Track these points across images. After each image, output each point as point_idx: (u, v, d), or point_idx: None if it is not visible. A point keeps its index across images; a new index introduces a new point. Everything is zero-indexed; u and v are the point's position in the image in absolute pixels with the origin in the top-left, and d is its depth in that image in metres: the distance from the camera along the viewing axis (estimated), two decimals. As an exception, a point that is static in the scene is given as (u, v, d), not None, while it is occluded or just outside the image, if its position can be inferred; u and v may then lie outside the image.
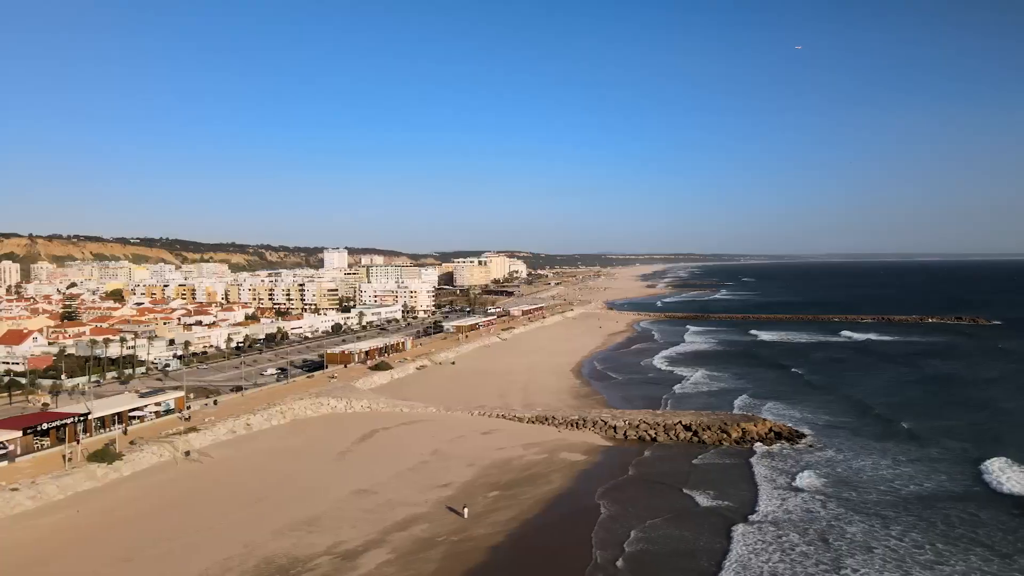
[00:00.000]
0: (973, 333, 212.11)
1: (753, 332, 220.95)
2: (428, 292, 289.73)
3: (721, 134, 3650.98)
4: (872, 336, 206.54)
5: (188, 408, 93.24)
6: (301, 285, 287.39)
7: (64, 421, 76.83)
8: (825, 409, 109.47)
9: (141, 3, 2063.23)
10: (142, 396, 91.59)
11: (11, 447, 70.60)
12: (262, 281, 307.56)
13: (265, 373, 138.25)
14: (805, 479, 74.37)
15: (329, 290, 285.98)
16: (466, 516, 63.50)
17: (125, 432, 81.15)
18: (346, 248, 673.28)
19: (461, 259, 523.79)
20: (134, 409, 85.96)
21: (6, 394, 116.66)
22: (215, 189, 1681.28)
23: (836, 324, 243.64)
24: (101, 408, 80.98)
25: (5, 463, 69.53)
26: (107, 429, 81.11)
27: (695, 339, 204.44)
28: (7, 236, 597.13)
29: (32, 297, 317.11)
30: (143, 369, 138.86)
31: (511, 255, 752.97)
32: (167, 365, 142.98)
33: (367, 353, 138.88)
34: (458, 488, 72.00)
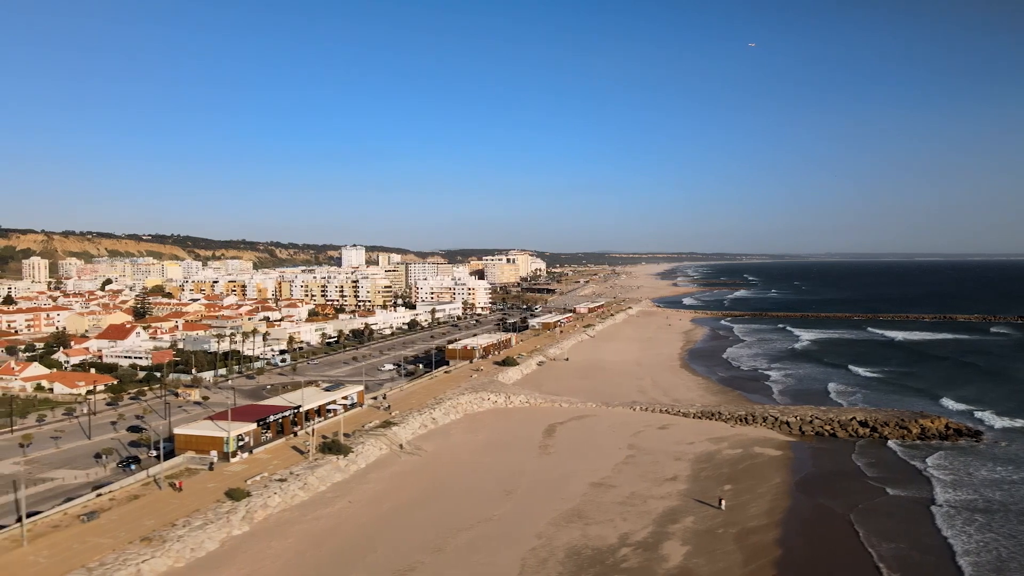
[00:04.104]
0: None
1: (791, 329, 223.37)
2: (486, 289, 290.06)
3: (723, 135, 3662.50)
4: (946, 336, 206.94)
5: (382, 398, 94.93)
6: (355, 282, 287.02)
7: (284, 414, 77.07)
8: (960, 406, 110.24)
9: (144, 7, 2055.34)
10: (326, 391, 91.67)
11: (247, 439, 70.77)
12: (314, 278, 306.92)
13: (382, 368, 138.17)
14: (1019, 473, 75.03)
15: (384, 287, 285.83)
16: (723, 508, 64.09)
17: (311, 431, 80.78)
18: (362, 246, 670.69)
19: (489, 256, 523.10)
20: (329, 403, 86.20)
21: (145, 386, 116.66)
22: (218, 188, 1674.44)
23: (885, 323, 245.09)
24: (307, 402, 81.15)
25: (247, 454, 69.79)
26: (311, 421, 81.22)
27: (751, 337, 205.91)
28: (23, 232, 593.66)
29: (77, 292, 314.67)
30: (260, 364, 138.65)
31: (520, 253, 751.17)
32: (284, 359, 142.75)
33: (485, 349, 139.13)
34: (687, 481, 72.57)
